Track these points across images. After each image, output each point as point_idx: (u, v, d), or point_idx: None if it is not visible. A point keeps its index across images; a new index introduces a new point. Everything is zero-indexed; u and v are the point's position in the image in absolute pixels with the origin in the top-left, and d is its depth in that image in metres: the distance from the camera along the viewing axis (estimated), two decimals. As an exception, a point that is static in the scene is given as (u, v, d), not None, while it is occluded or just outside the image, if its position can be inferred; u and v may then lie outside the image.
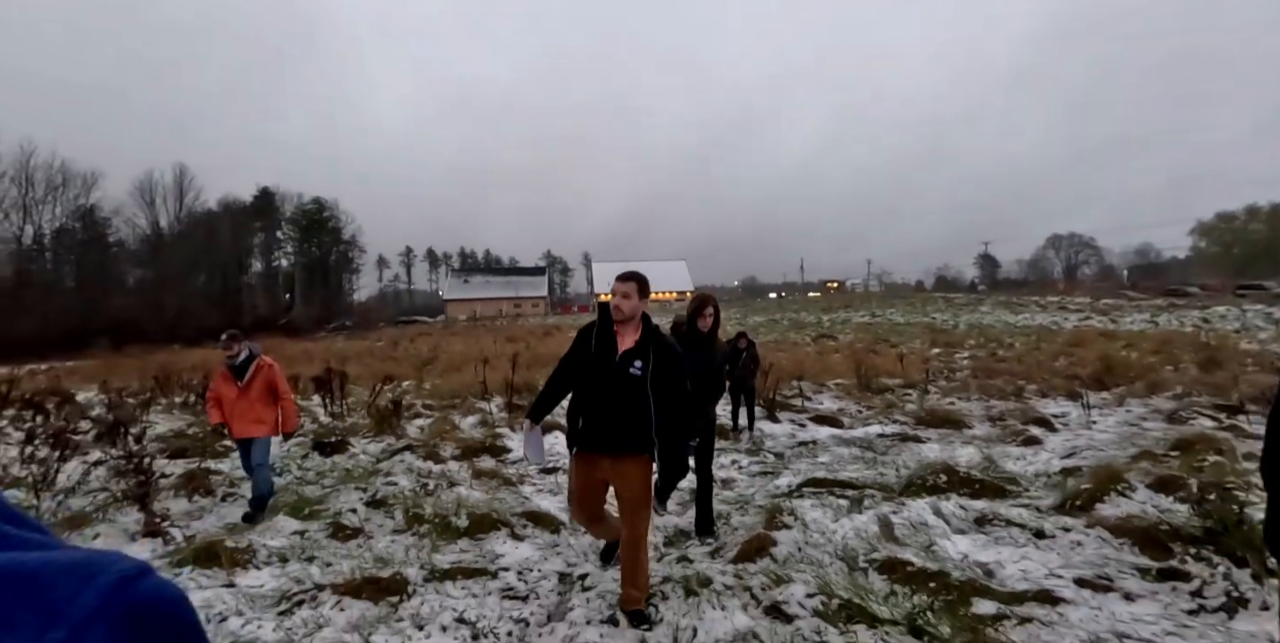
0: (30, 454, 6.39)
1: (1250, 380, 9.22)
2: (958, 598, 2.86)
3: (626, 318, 2.88)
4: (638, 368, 2.83)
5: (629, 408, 2.81)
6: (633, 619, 2.82)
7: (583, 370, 2.94)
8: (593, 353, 2.90)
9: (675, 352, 2.95)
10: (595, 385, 2.88)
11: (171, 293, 49.75)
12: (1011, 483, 4.73)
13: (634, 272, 2.99)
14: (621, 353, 2.86)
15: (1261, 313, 31.19)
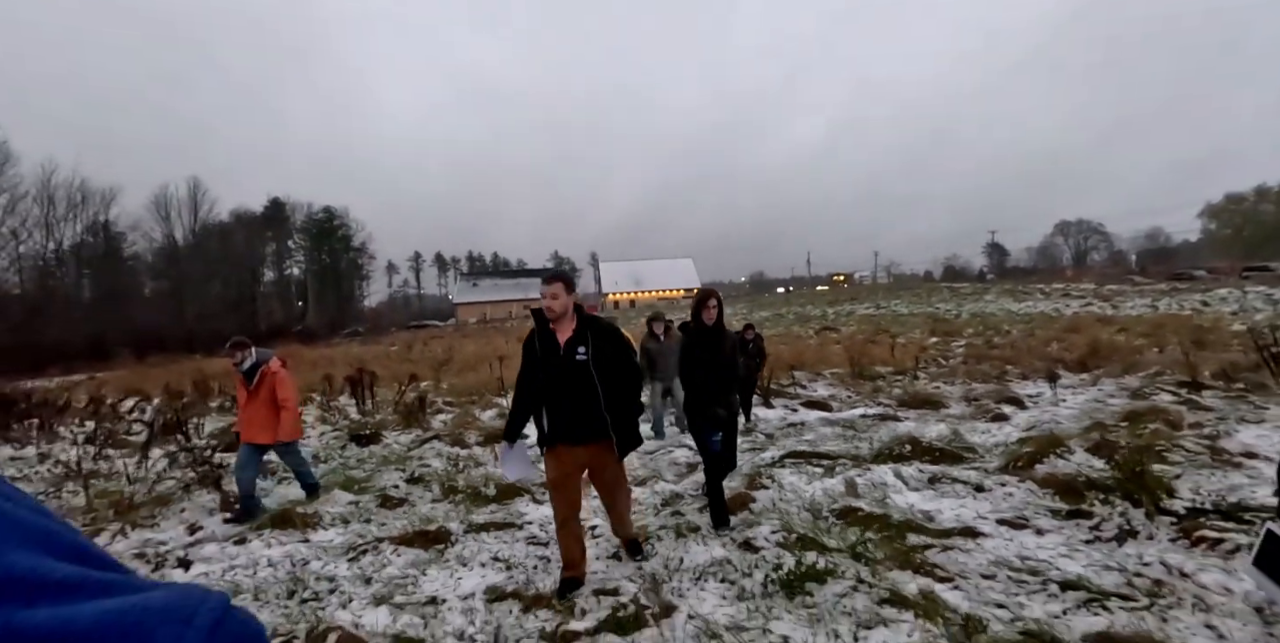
0: (102, 452, 7.18)
1: (1220, 360, 9.78)
2: (895, 533, 3.51)
3: (560, 315, 3.09)
4: (582, 353, 3.05)
5: (580, 392, 3.04)
6: (631, 550, 3.36)
7: (534, 372, 3.14)
8: (539, 352, 3.12)
9: (613, 332, 3.19)
10: (548, 380, 3.09)
11: (190, 303, 50.96)
12: (969, 451, 5.38)
13: (557, 271, 3.26)
14: (564, 344, 3.08)
15: (1262, 295, 31.41)
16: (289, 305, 66.34)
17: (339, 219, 68.27)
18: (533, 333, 3.19)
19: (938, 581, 2.95)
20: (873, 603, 2.71)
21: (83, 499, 5.06)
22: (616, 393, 3.09)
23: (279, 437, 4.71)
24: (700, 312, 3.90)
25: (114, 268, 47.50)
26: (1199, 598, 2.70)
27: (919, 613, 2.60)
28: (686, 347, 3.94)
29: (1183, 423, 6.15)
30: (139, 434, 8.81)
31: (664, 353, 6.81)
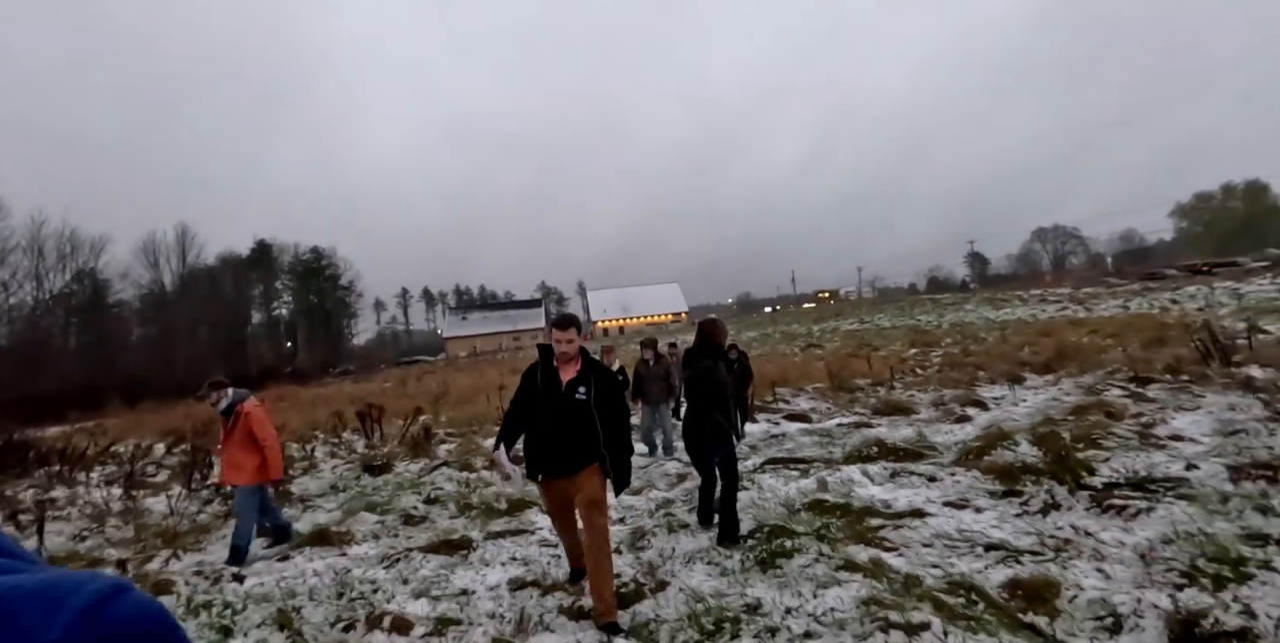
0: (128, 492, 7.63)
1: (1175, 355, 10.46)
2: (855, 518, 4.09)
3: (571, 357, 3.29)
4: (582, 393, 3.22)
5: (579, 429, 3.20)
6: (607, 630, 3.08)
7: (530, 405, 3.32)
8: (540, 388, 3.29)
9: (611, 376, 3.41)
10: (547, 415, 3.25)
11: (180, 348, 51.03)
12: (930, 450, 5.97)
13: (570, 317, 3.41)
14: (566, 383, 3.25)
15: (1228, 290, 32.51)
16: (279, 346, 66.38)
17: (327, 259, 68.75)
18: (535, 366, 3.38)
19: (885, 550, 3.53)
20: (830, 570, 3.28)
21: (130, 532, 5.53)
22: (613, 432, 3.25)
23: (268, 475, 4.68)
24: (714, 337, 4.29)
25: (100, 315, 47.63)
26: (1096, 550, 3.29)
27: (867, 575, 3.18)
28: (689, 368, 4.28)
29: (1124, 414, 6.79)
30: (156, 476, 9.24)
31: (653, 377, 7.31)
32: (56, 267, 43.05)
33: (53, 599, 0.37)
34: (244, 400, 4.81)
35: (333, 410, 13.05)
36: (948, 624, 2.61)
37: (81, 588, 0.38)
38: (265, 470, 4.67)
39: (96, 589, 0.38)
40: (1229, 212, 73.22)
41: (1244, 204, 72.44)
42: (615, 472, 3.26)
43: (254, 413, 4.74)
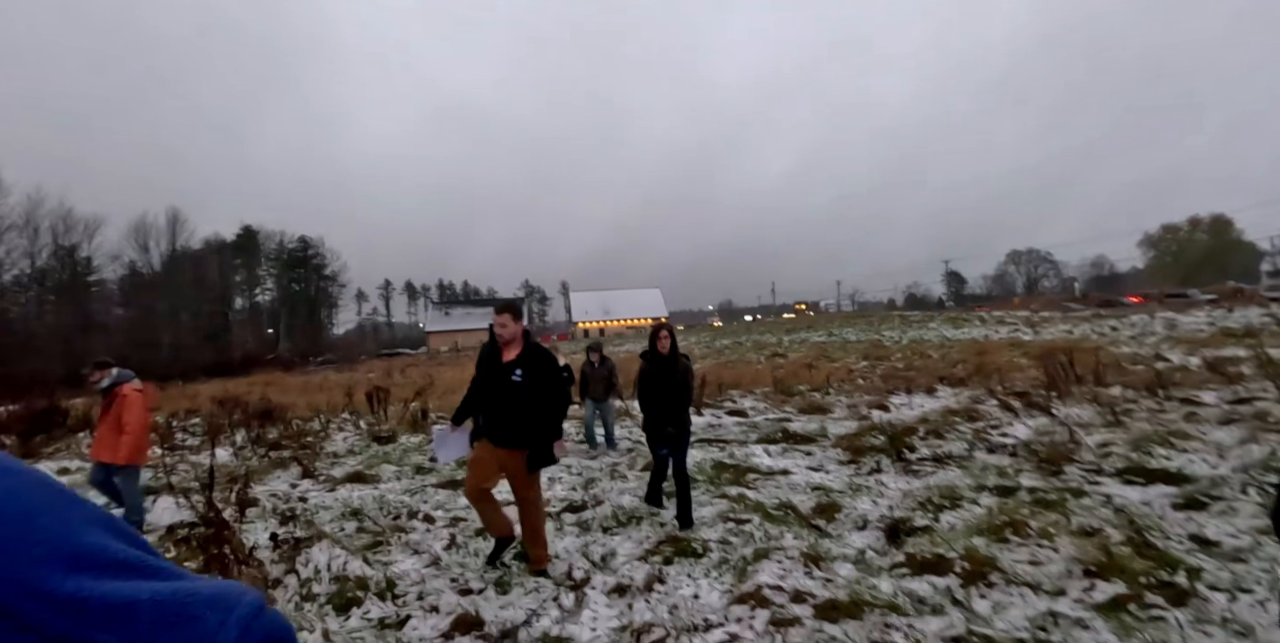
0: (168, 451, 9.19)
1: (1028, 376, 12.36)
2: (741, 473, 5.88)
3: (509, 340, 3.63)
4: (518, 375, 3.52)
5: (511, 407, 3.52)
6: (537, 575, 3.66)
7: (480, 378, 3.68)
8: (487, 361, 3.67)
9: (550, 360, 3.68)
10: (488, 390, 3.61)
11: (163, 331, 51.86)
12: (822, 437, 7.78)
13: (507, 302, 3.78)
14: (505, 363, 3.58)
15: (1166, 320, 34.95)
16: (260, 333, 67.15)
17: (314, 249, 69.71)
18: (485, 344, 3.78)
19: (748, 490, 5.31)
20: (710, 498, 5.06)
21: (194, 476, 7.17)
22: (541, 415, 3.55)
23: (127, 458, 4.73)
24: (655, 342, 4.59)
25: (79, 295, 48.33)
26: (880, 492, 5.10)
27: (730, 500, 4.95)
28: (643, 373, 4.61)
29: (983, 417, 8.64)
30: (187, 441, 10.79)
31: (596, 377, 7.92)
32: (49, 246, 43.83)
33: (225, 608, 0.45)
34: (126, 382, 4.93)
35: (341, 393, 14.64)
36: (764, 522, 4.38)
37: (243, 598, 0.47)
38: (127, 453, 4.73)
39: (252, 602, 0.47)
40: (1194, 243, 76.16)
41: (1209, 237, 75.46)
42: (532, 449, 3.56)
43: (130, 396, 4.83)
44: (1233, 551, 3.57)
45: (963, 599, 3.08)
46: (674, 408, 4.50)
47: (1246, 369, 13.18)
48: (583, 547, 4.18)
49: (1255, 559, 3.43)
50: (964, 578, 3.24)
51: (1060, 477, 5.03)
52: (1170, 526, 3.93)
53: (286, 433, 9.77)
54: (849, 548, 3.92)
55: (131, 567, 0.44)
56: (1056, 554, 3.44)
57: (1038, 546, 3.57)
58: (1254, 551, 3.54)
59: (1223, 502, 4.28)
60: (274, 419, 10.58)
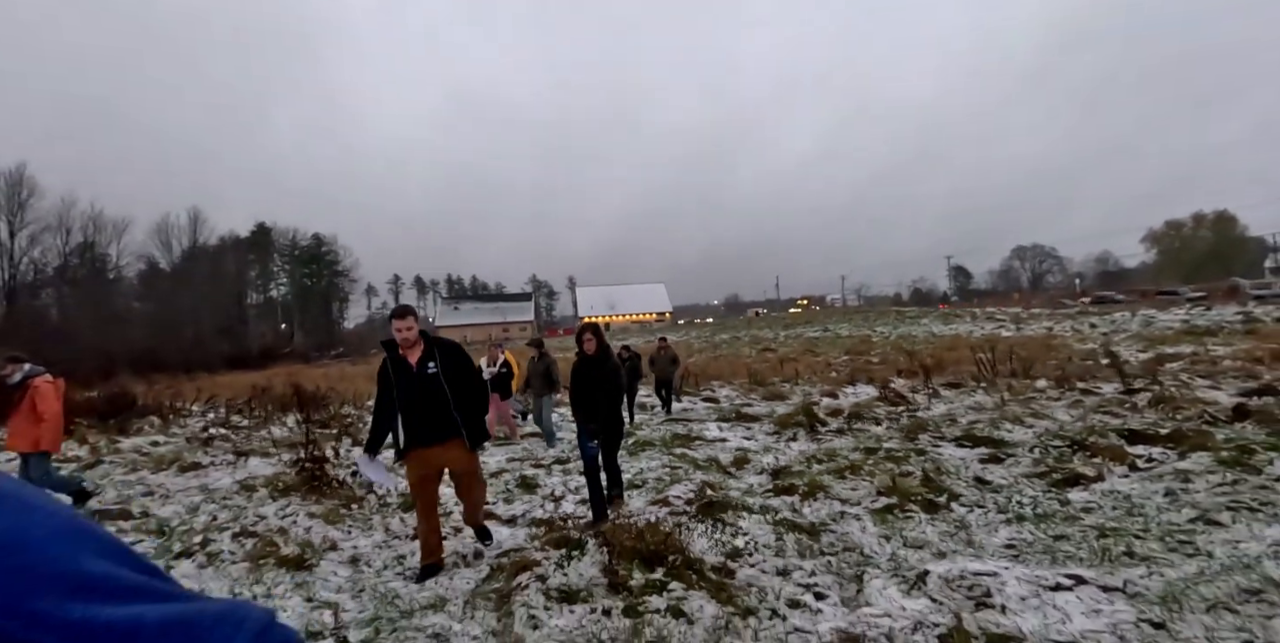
0: (221, 431, 11.09)
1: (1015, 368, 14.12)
2: (688, 440, 7.73)
3: (412, 342, 3.70)
4: (432, 367, 3.61)
5: (436, 400, 3.59)
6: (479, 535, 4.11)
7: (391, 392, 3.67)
8: (394, 375, 3.66)
9: (455, 347, 3.84)
10: (405, 395, 3.60)
11: (185, 325, 54.06)
12: (768, 416, 9.61)
13: (406, 307, 3.84)
14: (415, 363, 3.65)
15: (1145, 318, 36.46)
16: (275, 327, 69.37)
17: (327, 246, 71.81)
18: (385, 361, 3.78)
19: (690, 451, 7.16)
20: (660, 456, 6.90)
21: (268, 445, 9.07)
22: (464, 397, 3.69)
23: (39, 446, 5.05)
24: (581, 343, 4.74)
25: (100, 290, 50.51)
26: (785, 450, 6.93)
27: (673, 458, 6.80)
28: (573, 370, 4.81)
29: (908, 401, 10.44)
30: (242, 422, 12.72)
31: (535, 372, 8.27)
32: (80, 247, 46.08)
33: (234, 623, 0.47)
34: (37, 376, 5.18)
35: (364, 381, 16.63)
36: (694, 471, 6.22)
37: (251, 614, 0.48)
38: (40, 441, 5.06)
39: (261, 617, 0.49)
40: (1198, 240, 76.67)
41: (1212, 233, 75.94)
42: (468, 429, 3.70)
43: (42, 387, 5.09)
44: (995, 486, 5.40)
45: (796, 506, 4.92)
46: (600, 405, 4.63)
47: (1178, 365, 14.86)
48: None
49: (1005, 491, 5.25)
50: (802, 496, 5.09)
51: (915, 442, 6.86)
52: (964, 471, 5.75)
53: (329, 414, 11.68)
54: (743, 483, 5.77)
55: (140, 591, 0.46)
56: (867, 484, 5.27)
57: (860, 480, 5.40)
58: (1009, 486, 5.37)
59: (1013, 458, 6.10)
60: (316, 404, 12.47)
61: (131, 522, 5.35)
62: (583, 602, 3.26)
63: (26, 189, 40.45)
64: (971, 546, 4.09)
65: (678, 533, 3.85)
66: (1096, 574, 3.48)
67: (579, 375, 4.74)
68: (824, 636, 2.93)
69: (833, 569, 3.71)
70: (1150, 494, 4.89)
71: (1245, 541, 3.92)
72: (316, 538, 4.51)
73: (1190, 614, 3.01)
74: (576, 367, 4.78)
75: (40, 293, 43.79)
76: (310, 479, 5.77)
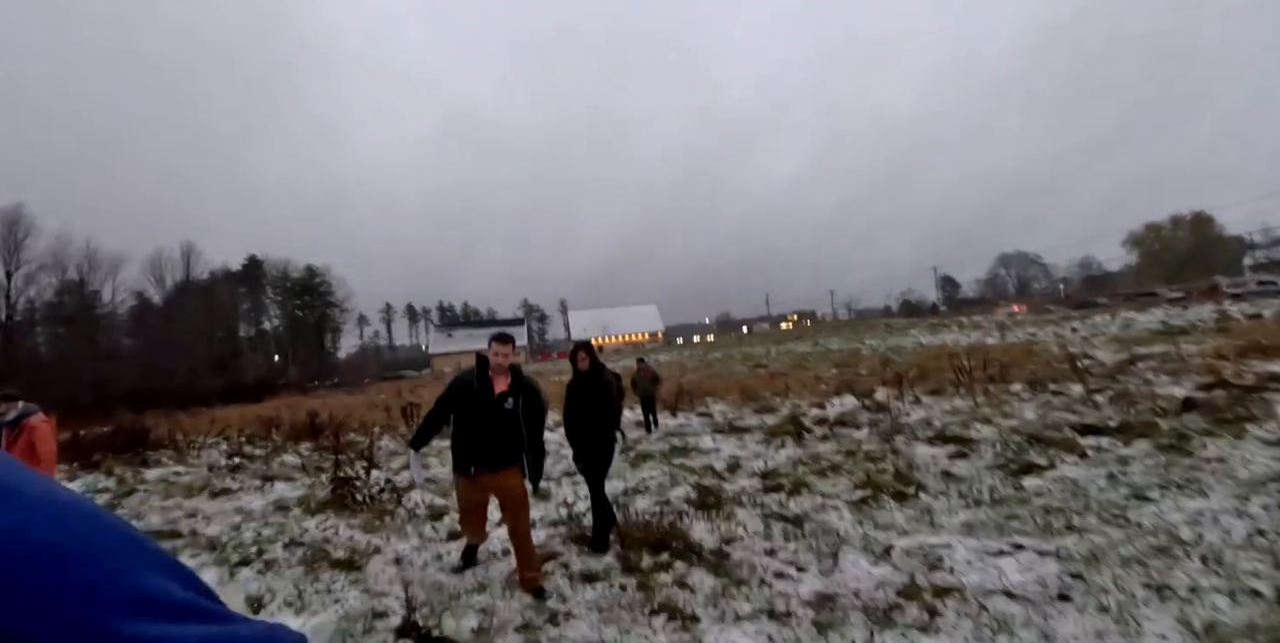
0: (239, 462, 11.60)
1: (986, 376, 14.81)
2: (685, 452, 8.33)
3: (503, 370, 3.76)
4: (510, 405, 3.65)
5: (505, 434, 3.65)
6: (535, 595, 3.73)
7: (463, 409, 3.70)
8: (476, 394, 3.68)
9: (536, 390, 3.85)
10: (478, 419, 3.63)
11: (178, 359, 54.20)
12: (759, 428, 10.23)
13: (510, 334, 3.87)
14: (498, 393, 3.67)
15: (1124, 320, 37.44)
16: (268, 359, 69.44)
17: (320, 277, 72.26)
18: (470, 373, 3.82)
19: (688, 460, 7.77)
20: (660, 467, 7.51)
21: (289, 469, 9.59)
22: (535, 439, 3.81)
23: None
24: (575, 362, 4.72)
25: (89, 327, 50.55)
26: (774, 455, 7.55)
27: (674, 468, 7.40)
28: (569, 389, 4.76)
29: (886, 409, 11.08)
30: (253, 452, 13.19)
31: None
32: (75, 284, 46.36)
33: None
34: (32, 415, 5.12)
35: (367, 410, 17.06)
36: (699, 480, 6.82)
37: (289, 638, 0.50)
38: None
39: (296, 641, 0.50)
40: (1177, 241, 77.89)
41: (1191, 233, 77.19)
42: (533, 469, 3.84)
43: (40, 427, 5.02)
44: (959, 477, 6.04)
45: (783, 501, 5.54)
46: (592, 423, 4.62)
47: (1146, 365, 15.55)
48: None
49: (967, 482, 5.89)
50: (788, 493, 5.71)
51: (891, 443, 7.51)
52: (933, 466, 6.40)
53: (340, 442, 12.19)
54: (736, 485, 6.38)
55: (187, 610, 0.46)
56: (846, 481, 5.91)
57: (840, 478, 6.04)
58: (972, 477, 6.01)
59: (977, 453, 6.76)
60: (334, 431, 12.98)
61: (183, 540, 5.89)
62: (602, 580, 3.88)
63: (24, 229, 40.85)
64: (933, 526, 4.72)
65: (680, 523, 4.47)
66: (1035, 543, 4.13)
67: (573, 394, 4.69)
68: (804, 597, 3.54)
69: (813, 549, 4.33)
70: (1094, 478, 5.56)
71: (1170, 512, 4.58)
72: (360, 544, 5.09)
73: (1106, 568, 3.66)
74: (571, 385, 4.74)
75: (35, 331, 43.91)
76: (340, 498, 6.34)
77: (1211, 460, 5.64)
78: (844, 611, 3.32)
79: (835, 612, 3.32)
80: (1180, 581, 3.40)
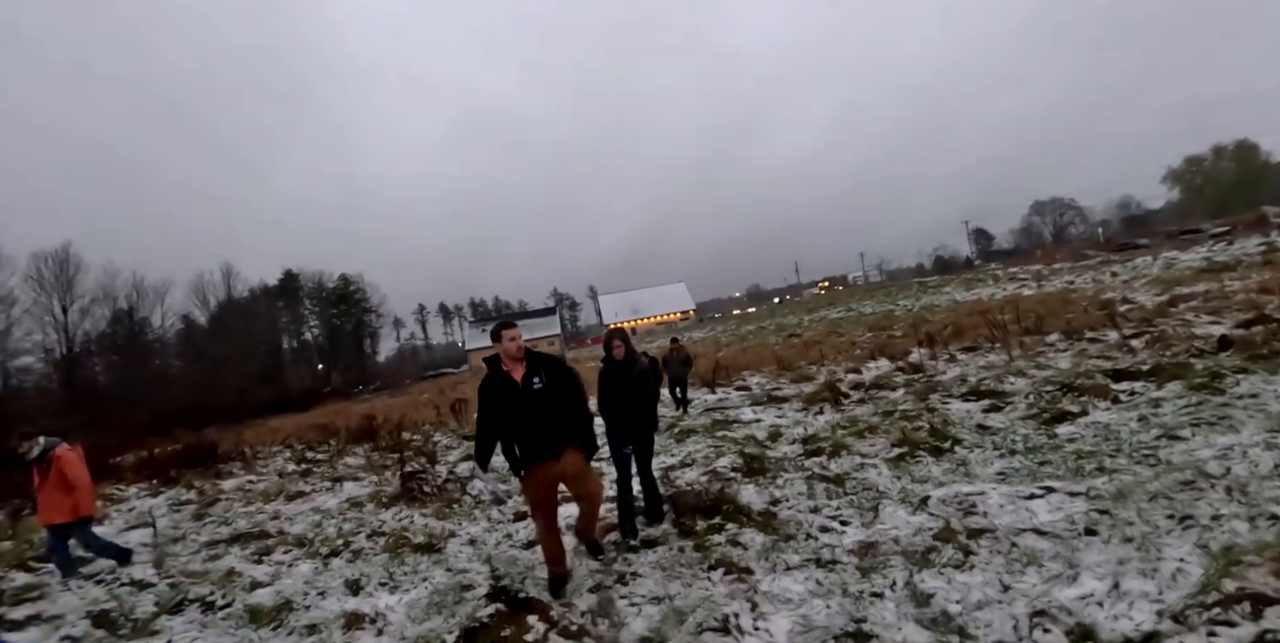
0: (306, 469, 12.25)
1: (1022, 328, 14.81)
2: (727, 423, 8.65)
3: (517, 356, 3.68)
4: (538, 383, 3.62)
5: (545, 415, 3.60)
6: (591, 549, 4.02)
7: (499, 408, 3.66)
8: (500, 392, 3.65)
9: (557, 361, 3.83)
10: (515, 412, 3.61)
11: (228, 377, 56.22)
12: (796, 396, 10.49)
13: (507, 321, 3.84)
14: (521, 380, 3.64)
15: (1167, 260, 36.46)
16: (312, 369, 71.47)
17: (355, 284, 73.89)
18: (488, 376, 3.74)
19: (730, 432, 8.08)
20: (704, 440, 7.84)
21: (352, 470, 10.17)
22: (573, 411, 3.69)
23: (77, 513, 5.13)
24: (610, 351, 4.74)
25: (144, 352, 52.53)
26: (813, 422, 7.83)
27: (716, 440, 7.73)
28: (602, 375, 4.75)
29: (922, 369, 11.24)
30: (316, 458, 13.89)
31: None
32: (122, 314, 48.38)
33: None
34: (56, 447, 5.21)
35: (412, 409, 17.72)
36: (738, 448, 7.14)
37: None
38: (78, 509, 5.14)
39: None
40: (1220, 173, 74.47)
41: (1234, 164, 73.87)
42: (583, 441, 3.75)
43: (66, 456, 5.13)
44: (993, 430, 6.26)
45: (824, 464, 5.84)
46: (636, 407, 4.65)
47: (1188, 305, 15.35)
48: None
49: (1001, 434, 6.10)
50: (829, 455, 6.00)
51: (926, 401, 7.72)
52: (968, 420, 6.62)
53: (396, 442, 12.79)
54: (778, 451, 6.69)
55: None
56: (883, 441, 6.17)
57: (877, 438, 6.31)
58: (1006, 429, 6.22)
59: (1011, 406, 6.95)
60: (393, 431, 13.61)
61: (273, 539, 6.42)
62: (662, 544, 4.24)
63: (73, 265, 42.67)
64: (968, 477, 4.97)
65: (728, 489, 4.80)
66: (1065, 485, 4.36)
67: (609, 381, 4.70)
68: (848, 546, 3.86)
69: (854, 504, 4.63)
70: (1126, 422, 5.73)
71: (1199, 449, 4.76)
72: (435, 530, 5.54)
73: (1132, 503, 3.88)
74: (605, 373, 4.76)
75: (93, 361, 45.98)
76: (409, 490, 6.82)
77: (1244, 397, 5.75)
78: (885, 555, 3.63)
79: (877, 557, 3.63)
80: (1203, 511, 3.61)
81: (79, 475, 5.18)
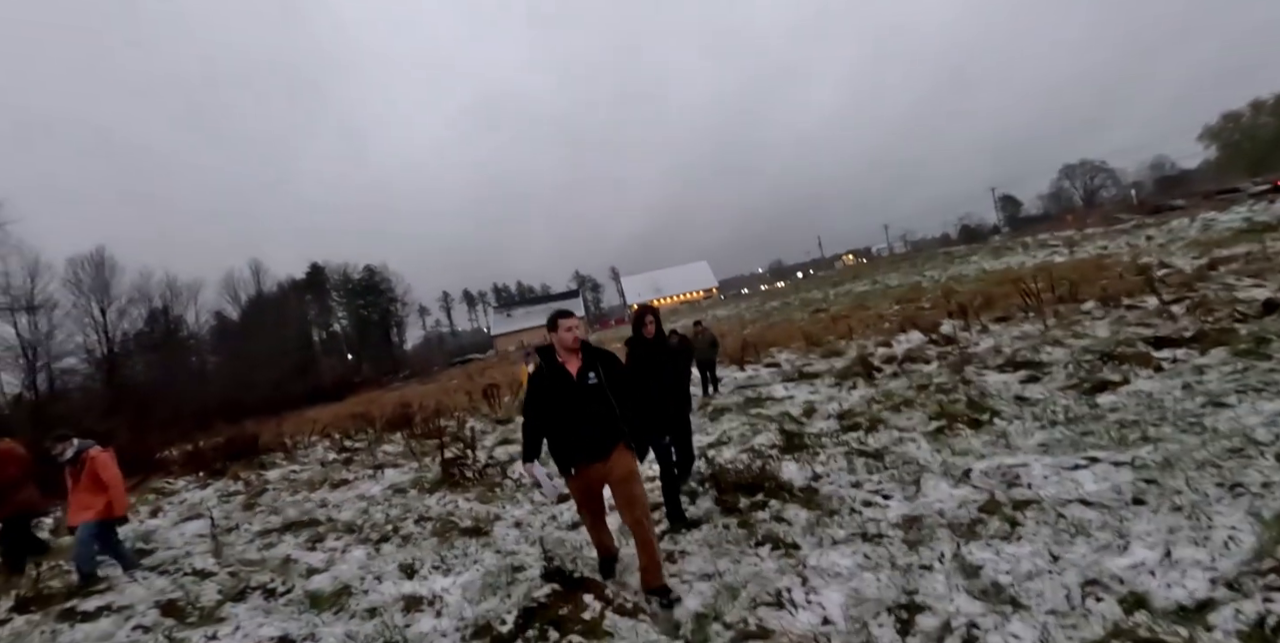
0: (348, 457, 12.54)
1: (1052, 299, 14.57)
2: (760, 401, 8.68)
3: (572, 347, 3.50)
4: (594, 378, 3.45)
5: (599, 412, 3.41)
6: (657, 595, 3.41)
7: (549, 402, 3.45)
8: (552, 384, 3.46)
9: (612, 356, 3.63)
10: (568, 407, 3.41)
11: (263, 370, 57.49)
12: (827, 372, 10.48)
13: (565, 309, 3.70)
14: (576, 373, 3.46)
15: (1205, 222, 35.41)
16: (342, 360, 72.69)
17: (379, 275, 74.78)
18: (540, 370, 3.55)
19: (764, 410, 8.12)
20: (738, 418, 7.89)
21: (392, 455, 10.41)
22: (628, 407, 3.51)
23: (113, 512, 5.19)
24: (640, 328, 4.52)
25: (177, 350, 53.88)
26: (846, 397, 7.83)
27: (749, 418, 7.78)
28: (632, 358, 4.52)
29: (956, 340, 11.13)
30: (356, 447, 14.22)
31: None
32: (158, 313, 49.69)
33: None
34: (89, 448, 5.28)
35: (444, 395, 17.99)
36: (774, 425, 7.18)
37: None
38: (111, 509, 5.20)
39: None
40: (1259, 129, 71.44)
41: (1275, 120, 70.76)
42: (637, 441, 3.54)
43: (99, 457, 5.21)
44: (1032, 401, 6.21)
45: (861, 439, 5.85)
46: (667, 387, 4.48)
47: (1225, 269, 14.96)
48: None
49: (1041, 405, 6.06)
50: (866, 429, 6.02)
51: (961, 374, 7.67)
52: (1005, 392, 6.57)
53: (431, 428, 13.04)
54: (814, 428, 6.72)
55: None
56: (920, 414, 6.16)
57: (914, 411, 6.30)
58: (1045, 399, 6.17)
59: (1050, 376, 6.88)
60: (430, 418, 13.88)
61: (323, 526, 6.63)
62: (707, 523, 4.31)
63: (109, 268, 43.87)
64: (1010, 448, 4.96)
65: (768, 467, 4.85)
66: (1110, 455, 4.34)
67: (639, 360, 4.47)
68: (892, 520, 3.89)
69: (896, 478, 4.66)
70: (1170, 390, 5.66)
71: (1247, 415, 4.69)
72: (481, 513, 5.68)
73: (1180, 472, 3.86)
74: (634, 351, 4.52)
75: (132, 360, 47.32)
76: (451, 476, 6.98)
77: (1291, 359, 5.65)
78: (931, 528, 3.65)
79: (923, 530, 3.66)
80: (1254, 478, 3.57)
81: (112, 477, 5.26)
